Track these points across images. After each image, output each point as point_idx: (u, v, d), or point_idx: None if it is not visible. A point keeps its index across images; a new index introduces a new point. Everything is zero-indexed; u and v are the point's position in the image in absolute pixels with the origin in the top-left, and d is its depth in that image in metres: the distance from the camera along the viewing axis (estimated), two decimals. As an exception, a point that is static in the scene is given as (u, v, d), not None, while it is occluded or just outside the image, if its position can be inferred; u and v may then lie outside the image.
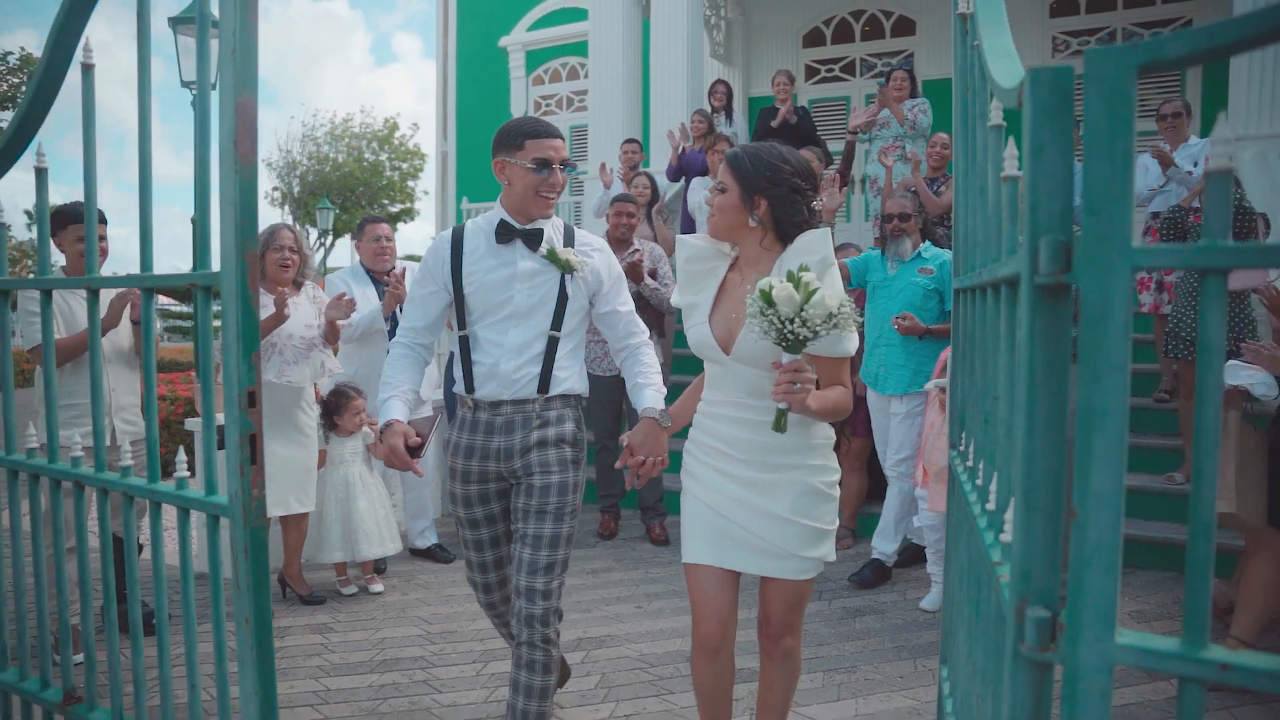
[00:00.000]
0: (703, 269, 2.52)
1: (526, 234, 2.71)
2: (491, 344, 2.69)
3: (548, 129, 2.71)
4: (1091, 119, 1.09)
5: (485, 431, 2.73)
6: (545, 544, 2.69)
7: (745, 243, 2.45)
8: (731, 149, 2.47)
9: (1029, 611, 1.22)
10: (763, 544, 2.41)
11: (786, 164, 2.39)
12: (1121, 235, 1.08)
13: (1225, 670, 1.08)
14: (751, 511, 2.41)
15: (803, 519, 2.40)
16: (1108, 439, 1.10)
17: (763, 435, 2.38)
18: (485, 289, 2.69)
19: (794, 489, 2.39)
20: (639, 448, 2.59)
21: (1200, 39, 1.06)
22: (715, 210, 2.44)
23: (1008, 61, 1.55)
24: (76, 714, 2.46)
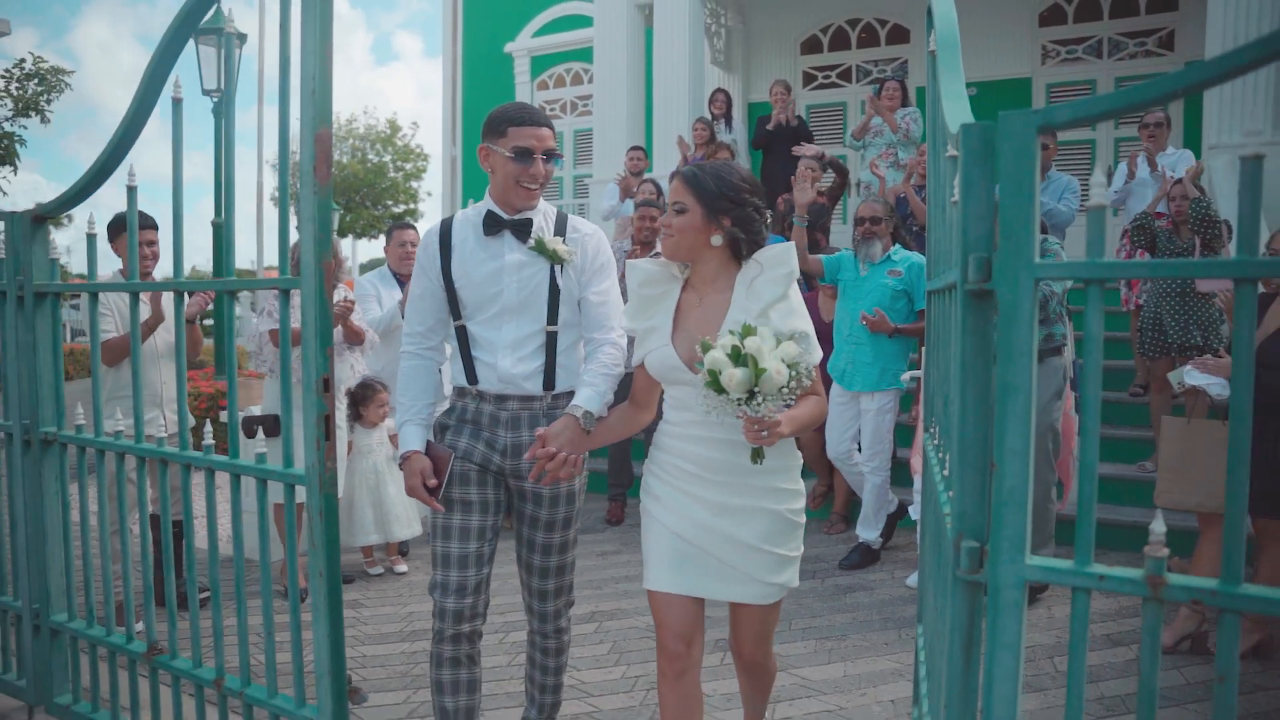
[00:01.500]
0: (656, 292, 2.46)
1: (515, 225, 2.58)
2: (487, 341, 2.59)
3: (533, 116, 2.55)
4: (1004, 165, 1.44)
5: (490, 424, 2.62)
6: (556, 550, 2.71)
7: (704, 262, 2.41)
8: (687, 168, 2.41)
9: (963, 544, 1.57)
10: (731, 571, 2.38)
11: (745, 183, 2.39)
12: (1028, 253, 1.43)
13: (1102, 580, 1.44)
14: (721, 539, 2.36)
15: (772, 547, 2.37)
16: (1018, 407, 1.45)
17: (733, 455, 2.34)
18: (474, 283, 2.57)
19: (764, 517, 2.36)
20: (552, 440, 2.40)
21: (1081, 108, 1.41)
22: (675, 231, 2.37)
23: (958, 105, 1.90)
24: (160, 663, 2.82)
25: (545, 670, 2.86)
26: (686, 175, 2.39)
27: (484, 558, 2.61)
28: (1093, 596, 1.47)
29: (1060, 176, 6.52)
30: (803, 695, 3.49)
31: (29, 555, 3.17)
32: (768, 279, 2.33)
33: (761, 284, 2.33)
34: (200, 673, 2.71)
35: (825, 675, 3.67)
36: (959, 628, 1.61)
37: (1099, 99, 1.40)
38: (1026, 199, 1.42)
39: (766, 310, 2.29)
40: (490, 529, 2.62)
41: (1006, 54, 10.99)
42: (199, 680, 2.70)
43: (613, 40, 10.26)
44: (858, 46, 11.86)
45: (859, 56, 11.84)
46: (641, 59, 10.43)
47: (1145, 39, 10.63)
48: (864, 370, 4.98)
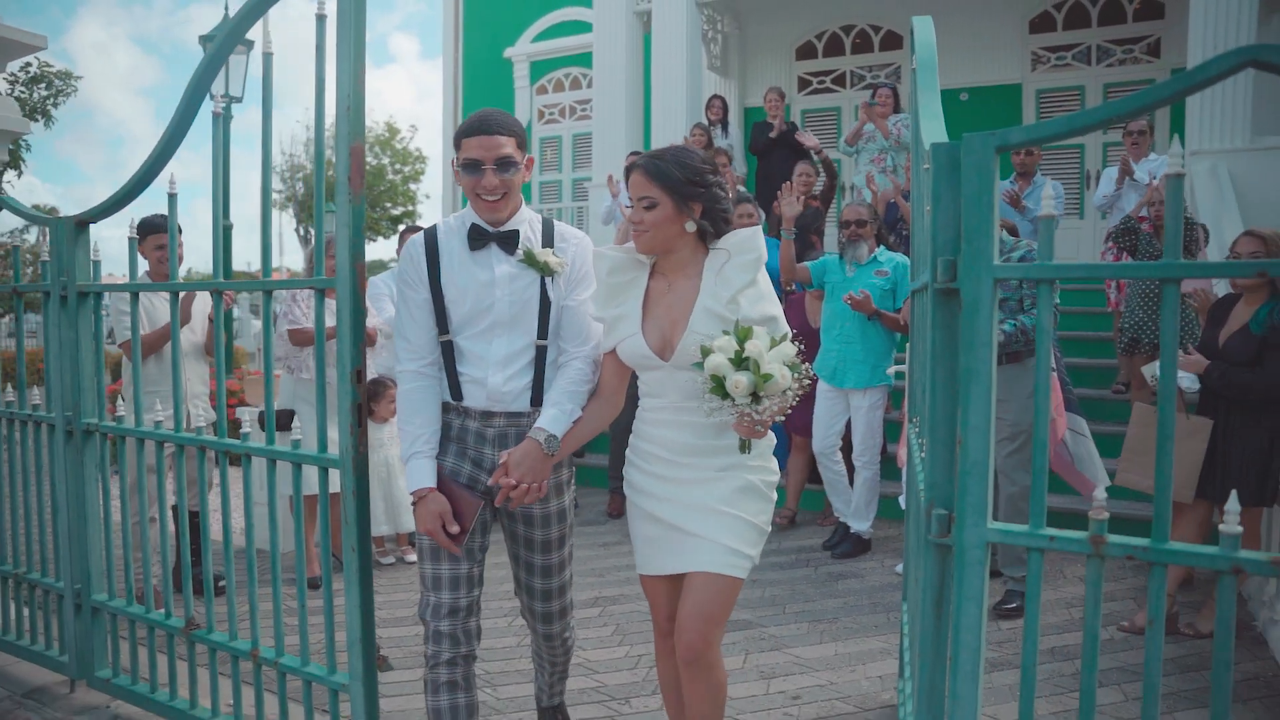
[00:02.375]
0: (624, 280, 2.44)
1: (500, 237, 2.48)
2: (476, 356, 2.49)
3: (483, 124, 2.42)
4: (966, 179, 1.67)
5: (476, 441, 2.52)
6: (555, 571, 2.68)
7: (678, 250, 2.39)
8: (645, 160, 2.36)
9: (934, 511, 1.79)
10: (694, 541, 2.36)
11: (705, 163, 2.36)
12: (987, 256, 1.66)
13: (1052, 540, 1.66)
14: (683, 506, 2.37)
15: (735, 510, 2.35)
16: (979, 389, 1.68)
17: (703, 438, 2.36)
18: (465, 296, 2.47)
19: (732, 482, 2.36)
20: (514, 468, 2.35)
21: (1033, 131, 1.64)
22: (649, 226, 2.32)
23: (933, 124, 2.11)
24: (197, 637, 3.03)
25: (555, 664, 2.94)
26: (649, 168, 2.32)
27: (475, 579, 2.53)
28: (1069, 580, 1.68)
29: (1044, 181, 6.75)
30: (796, 672, 3.70)
31: (70, 539, 3.38)
32: (736, 264, 2.32)
33: (730, 270, 2.32)
34: (236, 645, 2.92)
35: (818, 654, 3.88)
36: (930, 585, 1.83)
37: (1049, 123, 1.63)
38: (986, 208, 1.65)
39: (736, 296, 2.29)
40: (479, 549, 2.54)
41: (998, 60, 11.22)
42: (235, 652, 2.91)
43: (612, 46, 10.48)
44: (852, 52, 12.09)
45: (853, 62, 12.07)
46: (640, 65, 10.65)
47: (1133, 46, 10.86)
48: (856, 367, 5.19)
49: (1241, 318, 3.81)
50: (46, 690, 3.50)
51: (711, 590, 2.34)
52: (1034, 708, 1.71)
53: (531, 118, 14.42)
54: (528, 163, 2.51)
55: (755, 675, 3.66)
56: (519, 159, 2.45)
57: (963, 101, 11.29)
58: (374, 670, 2.61)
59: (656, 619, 2.57)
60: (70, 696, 3.45)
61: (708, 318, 2.29)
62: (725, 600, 2.36)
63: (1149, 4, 10.63)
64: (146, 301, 4.42)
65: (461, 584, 2.49)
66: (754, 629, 4.16)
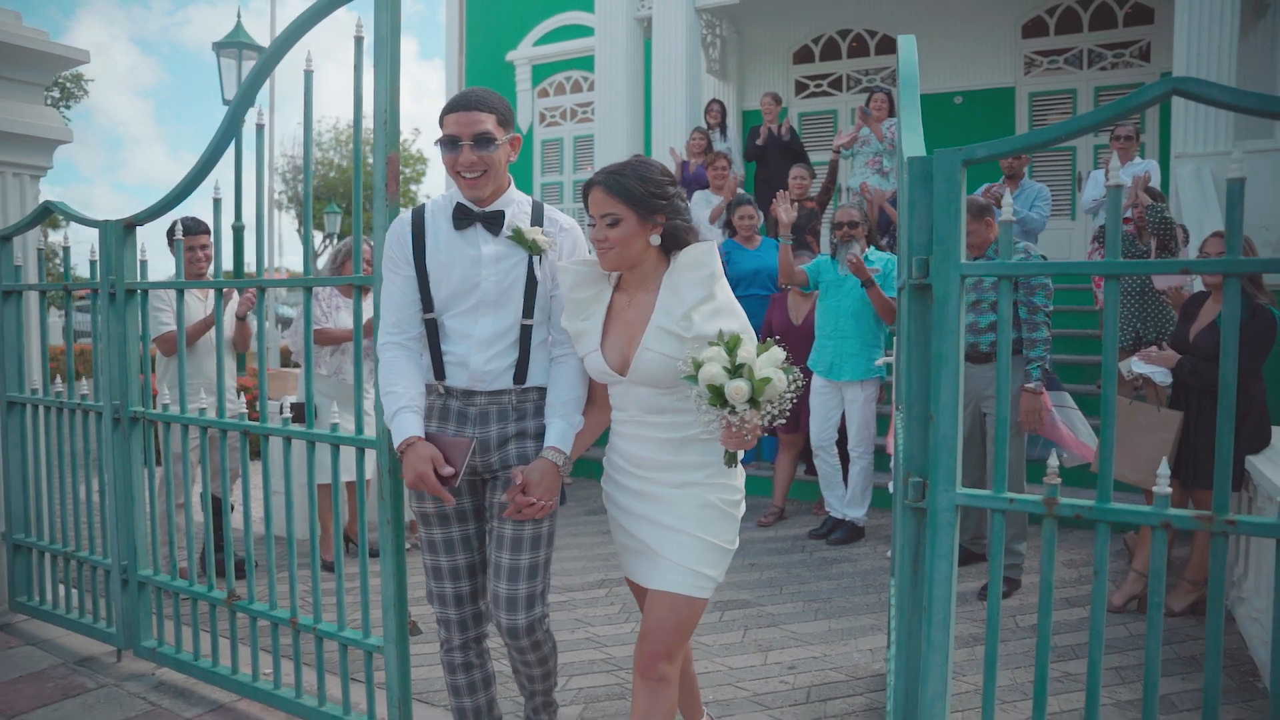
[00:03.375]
0: (588, 295, 2.42)
1: (485, 218, 2.47)
2: (460, 335, 2.48)
3: (463, 101, 2.41)
4: (936, 189, 1.92)
5: (458, 421, 2.50)
6: (526, 545, 2.47)
7: (644, 263, 2.37)
8: (603, 177, 2.33)
9: (910, 479, 2.05)
10: (657, 558, 2.36)
11: (665, 175, 2.36)
12: (955, 256, 1.91)
13: (1012, 502, 1.91)
14: (646, 523, 2.39)
15: (696, 531, 2.33)
16: (948, 371, 1.93)
17: (662, 452, 2.36)
18: (449, 276, 2.46)
19: (691, 502, 2.34)
20: (533, 488, 2.38)
21: (995, 147, 1.89)
22: (613, 243, 2.30)
23: (912, 138, 2.37)
24: (239, 607, 3.28)
25: (532, 679, 2.69)
26: (609, 185, 2.30)
27: (475, 567, 2.58)
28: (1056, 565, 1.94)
29: (1032, 184, 7.01)
30: (792, 645, 3.95)
31: (118, 518, 3.63)
32: (690, 280, 2.29)
33: (685, 286, 2.29)
34: (276, 613, 3.17)
35: (812, 630, 4.14)
36: (908, 544, 2.08)
37: (1011, 140, 1.90)
38: (954, 214, 1.91)
39: (689, 313, 2.25)
40: (475, 536, 2.58)
41: (991, 64, 11.48)
42: (275, 619, 3.17)
43: (613, 51, 10.74)
44: (848, 56, 12.34)
45: (849, 66, 12.32)
46: (641, 69, 10.90)
47: (1123, 50, 11.11)
48: (851, 361, 5.45)
49: (1211, 314, 4.07)
50: (96, 660, 3.75)
51: (670, 609, 2.33)
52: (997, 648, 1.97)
53: (533, 120, 14.68)
54: (513, 142, 2.48)
55: (754, 648, 3.92)
56: (499, 136, 2.41)
57: (957, 105, 11.56)
58: (406, 634, 2.86)
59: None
60: (117, 665, 3.70)
61: (661, 335, 2.26)
62: (684, 619, 2.34)
63: (1139, 9, 10.89)
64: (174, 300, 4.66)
65: (462, 574, 2.56)
66: (752, 607, 4.42)
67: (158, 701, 3.37)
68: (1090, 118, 1.74)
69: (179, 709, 3.32)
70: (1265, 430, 4.07)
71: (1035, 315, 4.51)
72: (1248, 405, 4.01)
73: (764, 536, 5.74)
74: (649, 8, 10.62)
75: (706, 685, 3.51)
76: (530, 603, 2.48)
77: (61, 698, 3.40)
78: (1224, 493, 1.73)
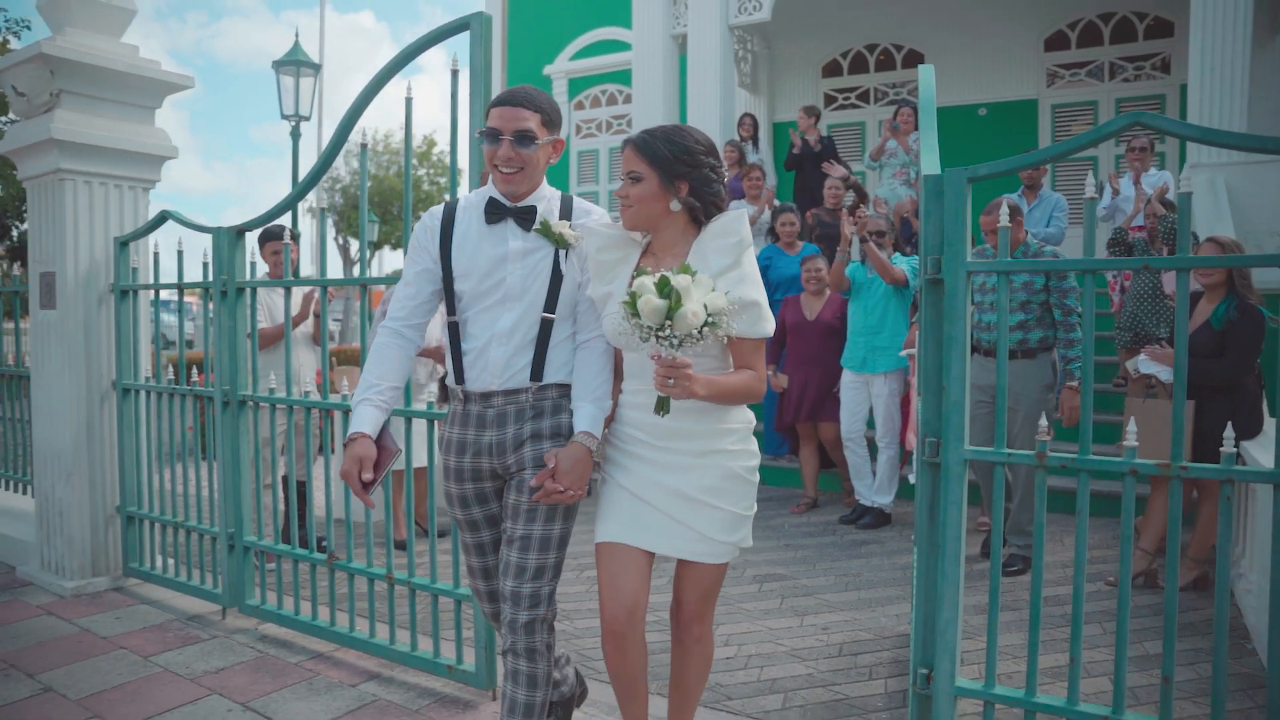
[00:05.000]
0: (614, 258, 2.41)
1: (517, 213, 2.47)
2: (481, 329, 2.47)
3: (509, 97, 2.42)
4: (947, 202, 2.36)
5: (477, 425, 2.48)
6: (534, 546, 2.45)
7: (664, 228, 2.37)
8: (637, 135, 2.36)
9: (927, 440, 2.47)
10: (681, 528, 2.35)
11: (699, 144, 2.35)
12: (961, 256, 2.35)
13: (1010, 457, 2.34)
14: (669, 493, 2.35)
15: (719, 502, 2.35)
16: (957, 351, 2.36)
17: (682, 421, 2.33)
18: (476, 271, 2.45)
19: (713, 472, 2.35)
20: (564, 475, 2.35)
21: (998, 165, 2.32)
22: (633, 201, 2.32)
23: (930, 157, 2.79)
24: (339, 566, 3.75)
25: (514, 708, 2.49)
26: (638, 142, 2.33)
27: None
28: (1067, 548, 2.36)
29: (1050, 195, 7.39)
30: (825, 611, 4.37)
31: (225, 490, 4.11)
32: (717, 248, 2.30)
33: (712, 253, 2.29)
34: (373, 570, 3.64)
35: (843, 599, 4.56)
36: (925, 496, 2.51)
37: (1014, 159, 2.34)
38: (960, 222, 2.34)
39: (715, 279, 2.22)
40: (492, 544, 2.60)
41: (1014, 77, 11.85)
42: (372, 575, 3.63)
43: (650, 67, 11.21)
44: (875, 70, 12.75)
45: (877, 80, 12.73)
46: (676, 83, 11.36)
47: (1144, 63, 11.43)
48: (883, 354, 5.89)
49: (1204, 314, 4.45)
50: (203, 617, 4.24)
51: (702, 578, 2.43)
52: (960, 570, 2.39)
53: (570, 132, 15.17)
54: (555, 144, 2.49)
55: (790, 613, 4.34)
56: (540, 136, 2.41)
57: (981, 116, 11.93)
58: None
59: (604, 602, 2.40)
60: (223, 621, 4.18)
61: None
62: (716, 581, 2.46)
63: (1159, 23, 11.22)
64: (266, 298, 5.16)
65: (493, 574, 2.61)
66: (788, 580, 4.85)
67: (264, 650, 3.84)
68: (1064, 145, 2.17)
69: (284, 655, 3.78)
70: (1258, 419, 4.45)
71: (1070, 316, 4.86)
72: (1242, 397, 4.39)
73: (798, 522, 6.15)
74: (684, 25, 11.08)
75: (749, 643, 3.94)
76: (534, 601, 2.44)
77: (182, 645, 3.88)
78: (1179, 445, 2.14)
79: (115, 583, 4.67)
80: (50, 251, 4.56)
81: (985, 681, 2.44)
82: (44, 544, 4.70)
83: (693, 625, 2.49)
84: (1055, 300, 4.83)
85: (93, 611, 4.29)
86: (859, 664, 3.73)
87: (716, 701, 3.34)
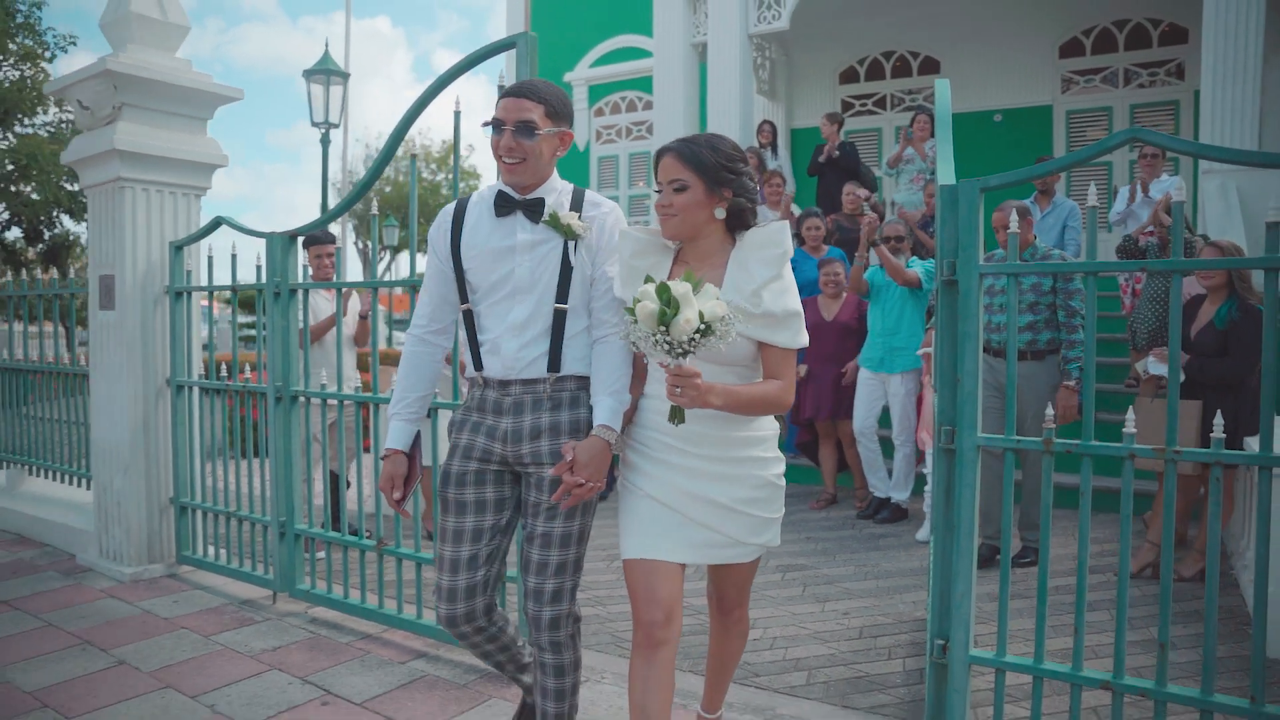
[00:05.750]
0: (646, 264, 2.38)
1: (527, 205, 2.46)
2: (495, 322, 2.48)
3: (516, 88, 2.44)
4: (961, 210, 2.57)
5: (494, 411, 2.50)
6: (556, 543, 2.46)
7: (705, 237, 2.36)
8: (677, 143, 2.34)
9: (943, 427, 2.69)
10: (713, 535, 2.35)
11: (736, 151, 2.35)
12: (974, 259, 2.56)
13: (1019, 443, 2.55)
14: (702, 503, 2.34)
15: (755, 510, 2.37)
16: (970, 346, 2.58)
17: (716, 428, 2.33)
18: (484, 264, 2.47)
19: (748, 482, 2.36)
20: (582, 468, 2.32)
21: (1008, 176, 2.54)
22: (678, 210, 2.29)
23: (945, 168, 3.00)
24: (386, 551, 3.99)
25: (545, 694, 2.59)
26: (681, 151, 2.30)
27: (478, 560, 2.51)
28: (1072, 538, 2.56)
29: (1064, 202, 7.58)
30: (845, 598, 4.58)
31: (276, 481, 4.36)
32: (761, 259, 2.29)
33: (754, 264, 2.29)
34: (421, 555, 3.87)
35: (862, 587, 4.77)
36: (940, 480, 2.72)
37: (1023, 170, 2.55)
38: (973, 228, 2.56)
39: (759, 290, 2.26)
40: (490, 530, 2.53)
41: (1029, 84, 12.03)
42: (420, 560, 3.86)
43: (670, 75, 11.45)
44: (892, 76, 12.96)
45: (893, 86, 12.93)
46: (696, 91, 11.60)
47: (1158, 69, 11.58)
48: (899, 355, 6.10)
49: (1208, 315, 4.64)
50: (254, 601, 4.48)
51: (738, 576, 2.56)
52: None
53: (590, 138, 15.43)
54: (562, 136, 2.48)
55: (812, 600, 4.55)
56: (543, 127, 2.41)
57: (997, 123, 12.11)
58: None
59: (640, 612, 2.34)
60: (274, 605, 4.42)
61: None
62: (750, 572, 2.59)
63: (1174, 29, 11.36)
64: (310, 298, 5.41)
65: (461, 567, 2.51)
66: (809, 570, 5.06)
67: (316, 631, 4.08)
68: (1069, 158, 2.38)
69: (335, 636, 4.02)
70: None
71: (1073, 318, 5.06)
72: (1246, 395, 4.58)
73: (818, 517, 6.37)
74: (704, 34, 11.31)
75: (774, 626, 4.15)
76: (557, 597, 2.48)
77: (239, 626, 4.13)
78: (1173, 432, 2.35)
79: (169, 570, 4.93)
80: (110, 255, 4.83)
81: (996, 651, 2.65)
82: (102, 533, 4.96)
83: (733, 611, 2.65)
84: (1061, 301, 5.02)
85: (151, 596, 4.54)
86: (878, 645, 3.94)
87: (745, 678, 3.55)
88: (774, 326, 2.25)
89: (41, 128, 20.22)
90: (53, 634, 3.99)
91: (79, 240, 23.26)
